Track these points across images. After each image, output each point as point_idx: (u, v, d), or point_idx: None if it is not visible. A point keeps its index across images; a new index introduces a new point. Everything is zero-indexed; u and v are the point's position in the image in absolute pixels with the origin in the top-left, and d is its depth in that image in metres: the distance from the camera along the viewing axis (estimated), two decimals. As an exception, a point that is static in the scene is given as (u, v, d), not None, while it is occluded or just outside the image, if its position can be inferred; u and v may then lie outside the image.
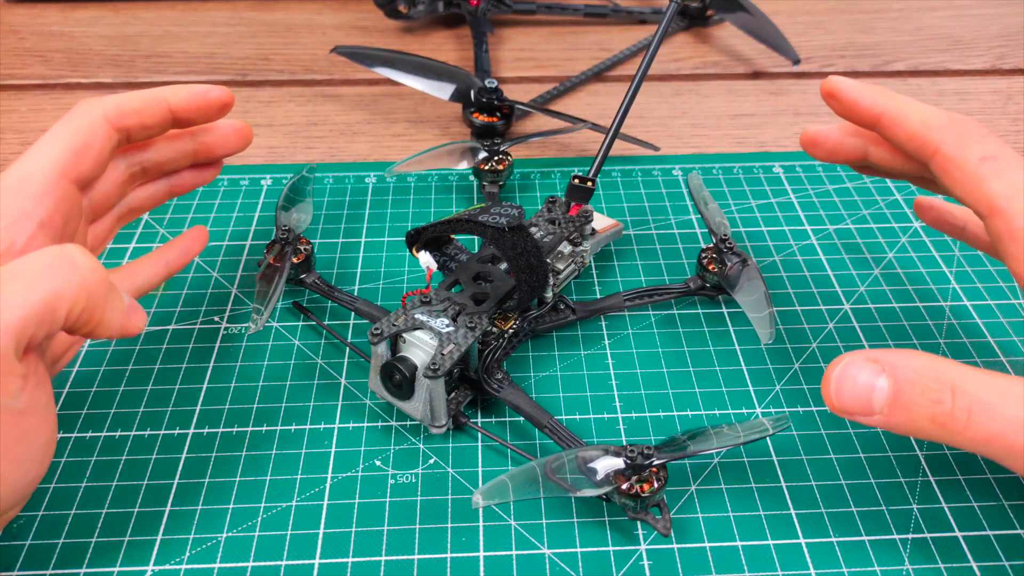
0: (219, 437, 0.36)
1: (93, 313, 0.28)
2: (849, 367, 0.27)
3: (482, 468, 0.35)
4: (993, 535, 0.33)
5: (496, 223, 0.36)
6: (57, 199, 0.31)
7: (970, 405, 0.26)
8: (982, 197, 0.30)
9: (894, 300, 0.43)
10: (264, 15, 0.71)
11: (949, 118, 0.32)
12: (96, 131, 0.33)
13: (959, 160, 0.31)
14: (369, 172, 0.52)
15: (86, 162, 0.33)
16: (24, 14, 0.69)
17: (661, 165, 0.53)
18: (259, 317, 0.37)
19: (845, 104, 0.35)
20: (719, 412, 0.38)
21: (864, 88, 0.34)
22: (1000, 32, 0.69)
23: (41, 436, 0.28)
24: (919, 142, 0.32)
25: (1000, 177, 0.30)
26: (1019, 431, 0.26)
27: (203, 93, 0.36)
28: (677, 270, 0.45)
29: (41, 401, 0.27)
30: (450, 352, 0.33)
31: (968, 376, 0.27)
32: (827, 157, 0.38)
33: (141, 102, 0.34)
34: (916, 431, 0.27)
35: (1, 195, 0.30)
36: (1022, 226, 0.29)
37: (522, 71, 0.64)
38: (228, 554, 0.32)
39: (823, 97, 0.35)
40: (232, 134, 0.39)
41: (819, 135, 0.37)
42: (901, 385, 0.27)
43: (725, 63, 0.65)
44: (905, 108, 0.33)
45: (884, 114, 0.33)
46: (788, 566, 0.32)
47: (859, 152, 0.37)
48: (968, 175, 0.31)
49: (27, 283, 0.26)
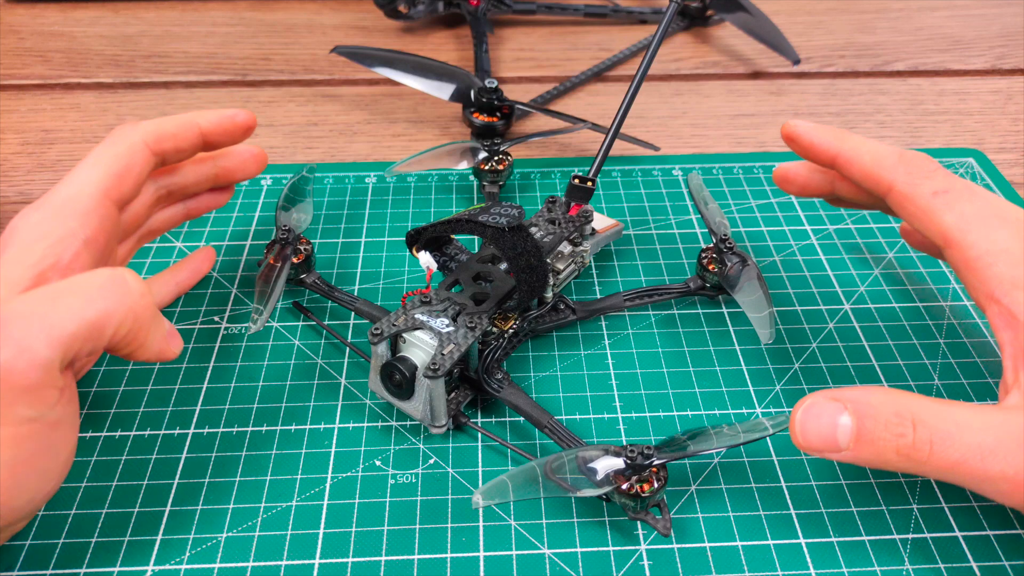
0: (219, 437, 0.36)
1: (137, 335, 0.29)
2: (812, 407, 0.28)
3: (482, 468, 0.35)
4: (993, 535, 0.33)
5: (496, 223, 0.36)
6: (101, 218, 0.33)
7: (931, 436, 0.27)
8: (937, 230, 0.32)
9: (894, 300, 0.43)
10: (264, 15, 0.71)
11: (900, 156, 0.34)
12: (136, 155, 0.35)
13: (912, 196, 0.33)
14: (369, 172, 0.52)
15: (127, 184, 0.34)
16: (24, 14, 0.70)
17: (661, 165, 0.53)
18: (259, 317, 0.37)
19: (803, 146, 0.37)
20: (719, 412, 0.38)
21: (819, 131, 0.36)
22: (1000, 32, 0.69)
23: (65, 449, 0.28)
24: (873, 180, 0.34)
25: (952, 209, 0.32)
26: (977, 457, 0.27)
27: (231, 117, 0.38)
28: (677, 270, 0.45)
29: (70, 415, 0.28)
30: (450, 352, 0.33)
31: (928, 408, 0.28)
32: (799, 192, 0.40)
33: (176, 127, 0.36)
34: (884, 464, 0.28)
35: (49, 214, 0.32)
36: (976, 256, 0.31)
37: (522, 71, 0.64)
38: (228, 554, 0.32)
39: (784, 139, 0.38)
40: (250, 159, 0.41)
41: (789, 172, 0.40)
42: (863, 421, 0.28)
43: (725, 63, 0.65)
44: (857, 148, 0.35)
45: (839, 154, 0.35)
46: (788, 566, 0.32)
47: (827, 187, 0.39)
48: (922, 209, 0.32)
49: (81, 300, 0.27)
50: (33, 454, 0.27)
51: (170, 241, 0.46)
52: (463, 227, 0.36)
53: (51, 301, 0.27)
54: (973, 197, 0.32)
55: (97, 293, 0.28)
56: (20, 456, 0.26)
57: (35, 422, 0.26)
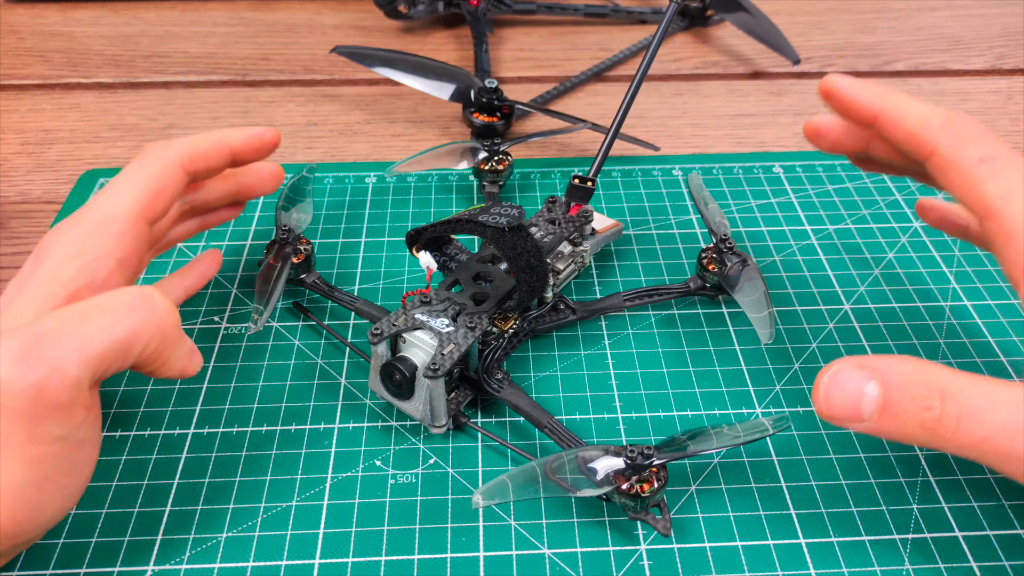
0: (219, 437, 0.36)
1: (162, 353, 0.29)
2: (839, 374, 0.27)
3: (482, 468, 0.35)
4: (993, 535, 0.33)
5: (496, 223, 0.36)
6: (135, 237, 0.33)
7: (959, 410, 0.26)
8: (978, 199, 0.30)
9: (894, 300, 0.43)
10: (264, 15, 0.71)
11: (947, 118, 0.31)
12: (170, 175, 0.35)
13: (956, 161, 0.30)
14: (369, 172, 0.52)
15: (160, 204, 0.35)
16: (24, 14, 0.69)
17: (661, 165, 0.53)
18: (259, 317, 0.37)
19: (843, 103, 0.34)
20: (719, 412, 0.38)
21: (862, 86, 0.34)
22: (1000, 32, 0.69)
23: (88, 468, 0.29)
24: (916, 142, 0.32)
25: (997, 178, 0.29)
26: (1007, 436, 0.26)
27: (259, 135, 0.38)
28: (677, 270, 0.45)
29: (95, 434, 0.29)
30: (450, 352, 0.33)
31: (958, 381, 0.27)
32: (831, 148, 0.37)
33: (208, 147, 0.37)
34: (906, 437, 0.27)
35: (84, 232, 0.32)
36: (1017, 228, 0.28)
37: (522, 71, 0.64)
38: (228, 554, 0.32)
39: (821, 96, 0.35)
40: (268, 176, 0.41)
41: (823, 126, 0.37)
42: (891, 391, 0.27)
43: (725, 63, 0.65)
44: (903, 107, 0.32)
45: (882, 113, 0.33)
46: (788, 566, 0.32)
47: (862, 144, 0.36)
48: (964, 176, 0.30)
49: (110, 319, 0.27)
50: (58, 472, 0.27)
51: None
52: (463, 227, 0.36)
53: (82, 320, 0.27)
54: (1020, 167, 0.29)
55: (126, 312, 0.28)
56: (45, 474, 0.26)
57: (63, 441, 0.26)
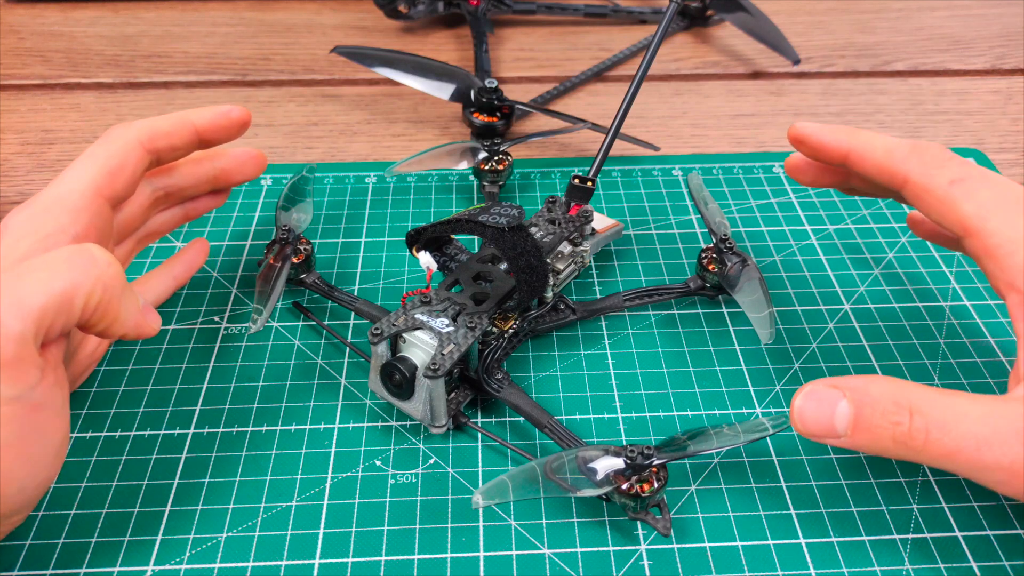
0: (219, 437, 0.36)
1: (109, 307, 0.29)
2: (811, 394, 0.29)
3: (482, 468, 0.35)
4: (993, 535, 0.33)
5: (496, 223, 0.36)
6: (92, 215, 0.33)
7: (927, 424, 0.27)
8: (956, 219, 0.31)
9: (894, 300, 0.43)
10: (264, 15, 0.71)
11: (913, 146, 0.33)
12: (130, 153, 0.35)
13: (928, 186, 0.32)
14: (369, 172, 0.52)
15: (119, 181, 0.34)
16: (24, 14, 0.69)
17: (661, 165, 0.53)
18: (259, 317, 0.37)
19: (813, 147, 0.36)
20: (719, 412, 0.38)
21: (828, 130, 0.36)
22: (1000, 32, 0.69)
23: (55, 435, 0.28)
24: (888, 173, 0.34)
25: (970, 198, 0.31)
26: (973, 447, 0.27)
27: (225, 113, 0.38)
28: (677, 270, 0.45)
29: (57, 400, 0.28)
30: (450, 352, 0.33)
31: (927, 397, 0.28)
32: (812, 183, 0.39)
33: (170, 125, 0.36)
34: (881, 451, 0.28)
35: (39, 210, 0.32)
36: (997, 244, 0.30)
37: (522, 71, 0.64)
38: (228, 554, 0.32)
39: (791, 142, 0.37)
40: (249, 161, 0.41)
41: (802, 161, 0.39)
42: (861, 408, 0.28)
43: (725, 63, 0.65)
44: (869, 143, 0.34)
45: (851, 151, 0.35)
46: (788, 566, 0.32)
47: (841, 178, 0.38)
48: (939, 200, 0.32)
49: (48, 274, 0.27)
50: (18, 438, 0.26)
51: (169, 241, 0.46)
52: (463, 227, 0.36)
53: (19, 277, 0.27)
54: (990, 184, 0.31)
55: (63, 266, 0.28)
56: (4, 439, 0.26)
57: (16, 402, 0.26)
